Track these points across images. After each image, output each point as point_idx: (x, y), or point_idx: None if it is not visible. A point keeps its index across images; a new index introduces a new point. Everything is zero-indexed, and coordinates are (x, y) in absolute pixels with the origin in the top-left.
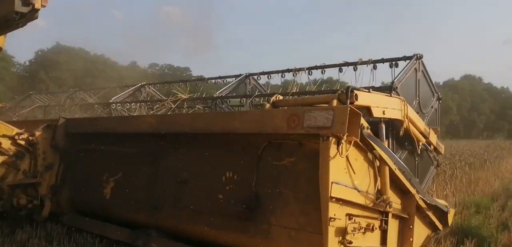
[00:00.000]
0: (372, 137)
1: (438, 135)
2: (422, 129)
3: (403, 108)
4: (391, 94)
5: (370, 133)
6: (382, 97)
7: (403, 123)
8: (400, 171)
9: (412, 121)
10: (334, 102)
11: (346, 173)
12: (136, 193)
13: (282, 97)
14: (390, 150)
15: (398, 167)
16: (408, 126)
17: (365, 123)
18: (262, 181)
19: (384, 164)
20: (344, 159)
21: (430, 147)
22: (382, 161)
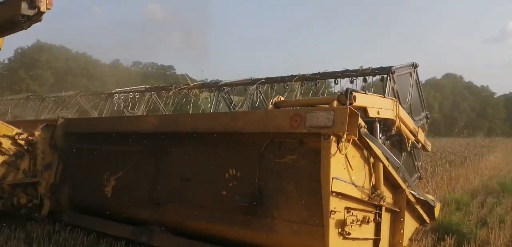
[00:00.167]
0: (369, 135)
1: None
2: (411, 128)
3: (395, 108)
4: (388, 78)
5: (366, 131)
6: (377, 99)
7: (395, 123)
8: (393, 167)
9: (403, 120)
10: (334, 103)
11: (345, 169)
12: (138, 191)
13: (283, 99)
14: (386, 148)
15: (392, 163)
16: (399, 125)
17: (362, 123)
18: (264, 177)
19: (378, 160)
20: (343, 156)
21: (419, 145)
22: (377, 158)
